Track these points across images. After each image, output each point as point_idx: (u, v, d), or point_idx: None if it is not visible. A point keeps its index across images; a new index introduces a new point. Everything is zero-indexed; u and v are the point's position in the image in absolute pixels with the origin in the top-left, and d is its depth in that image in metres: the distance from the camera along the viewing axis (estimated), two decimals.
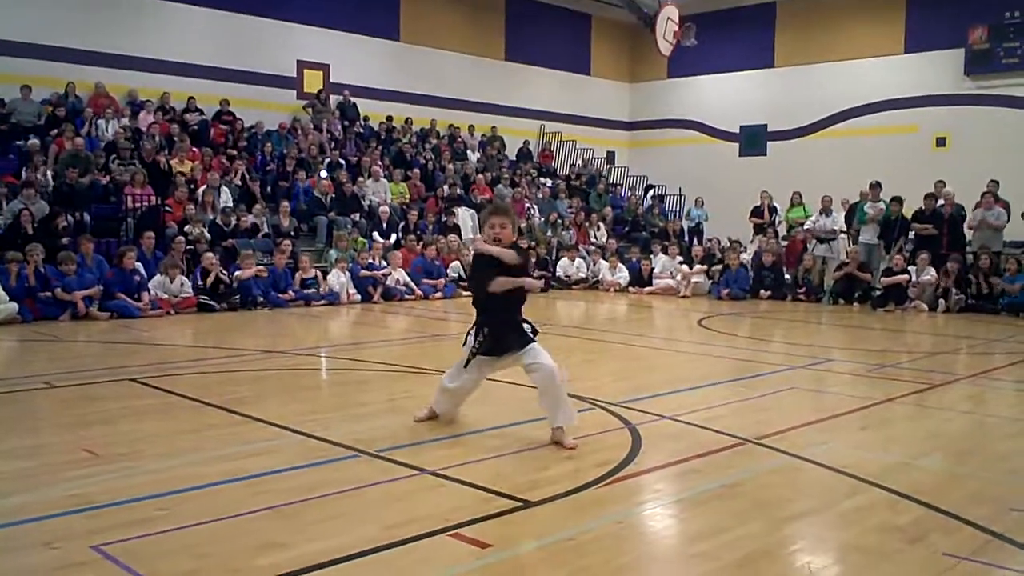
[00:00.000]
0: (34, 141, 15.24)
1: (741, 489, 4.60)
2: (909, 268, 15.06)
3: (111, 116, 17.07)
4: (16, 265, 11.60)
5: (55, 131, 15.78)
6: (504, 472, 4.75)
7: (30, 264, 11.75)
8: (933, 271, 14.76)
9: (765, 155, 25.48)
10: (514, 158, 23.91)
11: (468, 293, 15.32)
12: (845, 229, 16.94)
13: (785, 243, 18.31)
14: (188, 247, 13.87)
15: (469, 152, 22.96)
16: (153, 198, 14.93)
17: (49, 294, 11.79)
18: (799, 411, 6.61)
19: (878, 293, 15.10)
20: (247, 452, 5.18)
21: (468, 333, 5.60)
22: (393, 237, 17.09)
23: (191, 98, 18.60)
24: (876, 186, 16.56)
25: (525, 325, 5.51)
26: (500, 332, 5.45)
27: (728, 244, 18.03)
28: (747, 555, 3.70)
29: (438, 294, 15.63)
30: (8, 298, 11.27)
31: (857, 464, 5.00)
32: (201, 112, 18.57)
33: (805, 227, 17.39)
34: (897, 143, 22.37)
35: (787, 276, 16.75)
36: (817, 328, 13.01)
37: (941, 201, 16.05)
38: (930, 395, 7.38)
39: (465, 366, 5.62)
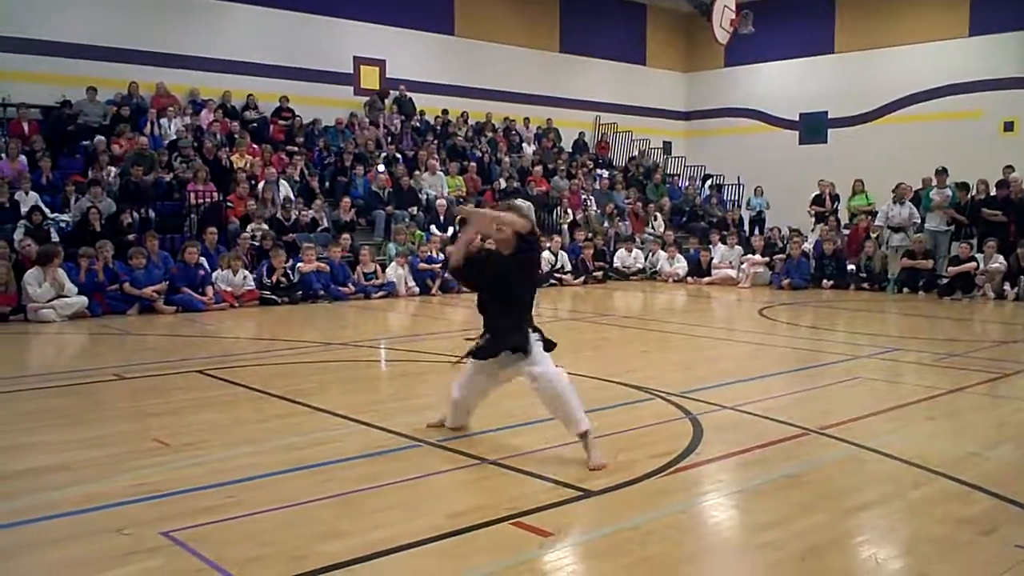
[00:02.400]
0: (100, 139, 15.60)
1: (805, 479, 4.53)
2: (976, 255, 14.69)
3: (173, 115, 17.43)
4: (86, 261, 11.90)
5: (120, 130, 16.14)
6: (565, 461, 4.74)
7: (100, 260, 12.05)
8: (1002, 258, 14.37)
9: (826, 142, 25.05)
10: (570, 150, 23.83)
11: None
12: (919, 218, 16.44)
13: (847, 231, 17.97)
14: (252, 242, 14.10)
15: (525, 144, 22.95)
16: (215, 194, 15.19)
17: (117, 289, 12.09)
18: (864, 401, 6.50)
19: (945, 281, 14.75)
20: (310, 441, 5.26)
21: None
22: (450, 230, 17.14)
23: (250, 96, 18.91)
24: (942, 172, 16.16)
25: (533, 334, 4.95)
26: (498, 335, 5.01)
27: (789, 233, 17.77)
28: (813, 546, 3.65)
29: None
30: (78, 292, 11.56)
31: (925, 454, 4.90)
32: (258, 110, 18.86)
33: (877, 220, 16.88)
34: (962, 128, 21.82)
35: (849, 265, 16.44)
36: (881, 317, 12.76)
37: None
38: (1000, 384, 7.19)
39: (456, 363, 5.37)
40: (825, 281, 16.02)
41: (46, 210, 13.30)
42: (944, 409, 6.24)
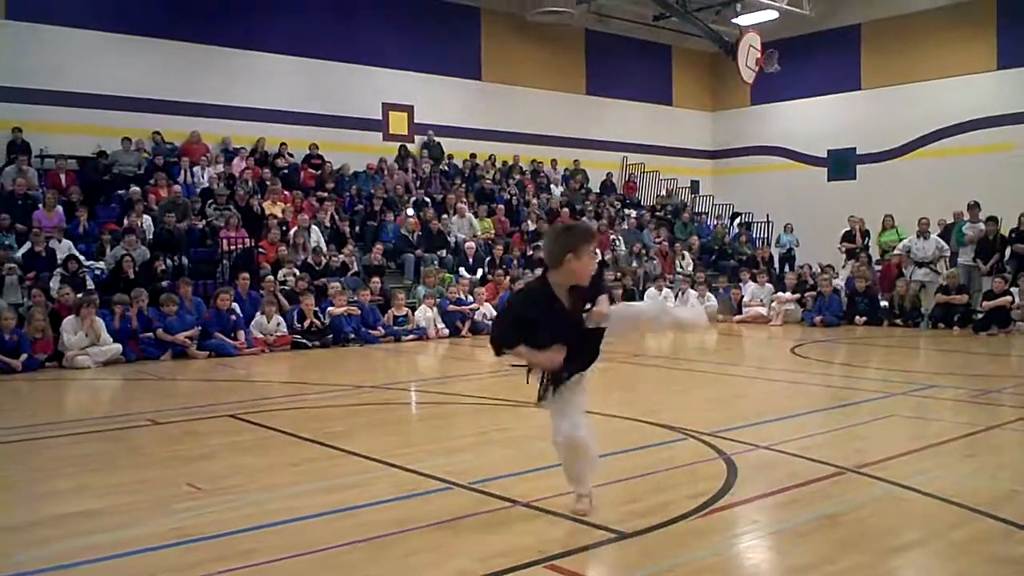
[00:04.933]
0: (135, 189, 15.88)
1: (843, 520, 4.46)
2: (1011, 289, 14.50)
3: (206, 163, 17.74)
4: (120, 308, 12.06)
5: (153, 179, 16.43)
6: (597, 503, 4.69)
7: (134, 307, 12.21)
8: None
9: (855, 179, 24.94)
10: (598, 190, 23.91)
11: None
12: (948, 252, 16.26)
13: (879, 267, 17.82)
14: (282, 287, 14.22)
15: (553, 186, 23.07)
16: (247, 240, 15.38)
17: (151, 335, 12.22)
18: (900, 439, 6.40)
19: (980, 316, 14.56)
20: (342, 485, 5.26)
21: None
22: (479, 272, 17.22)
23: (283, 144, 19.21)
24: (975, 206, 16.04)
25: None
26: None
27: (820, 270, 17.65)
28: None
29: None
30: (112, 340, 11.70)
31: (965, 493, 4.81)
32: (290, 156, 19.16)
33: (896, 251, 16.81)
34: (992, 162, 21.63)
35: (882, 301, 16.29)
36: (916, 353, 12.60)
37: None
38: None
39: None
40: (858, 318, 15.87)
41: (81, 258, 13.52)
42: (982, 446, 6.14)
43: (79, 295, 12.01)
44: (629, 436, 6.51)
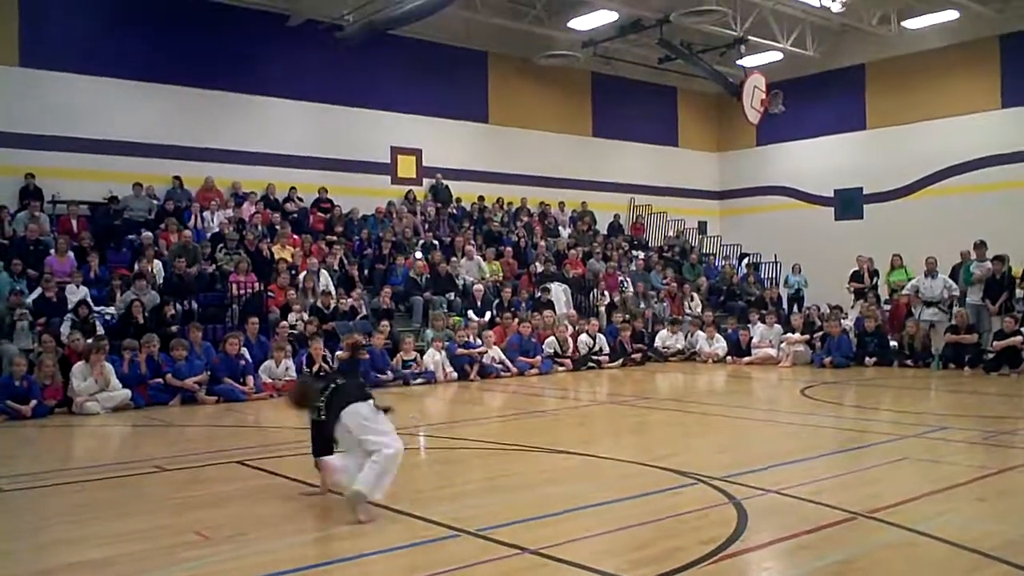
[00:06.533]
0: (147, 235, 15.99)
1: (855, 566, 4.42)
2: (1022, 329, 14.42)
3: (216, 208, 17.87)
4: (129, 353, 12.09)
5: (164, 224, 16.55)
6: (606, 550, 4.67)
7: (143, 352, 12.23)
8: None
9: (862, 218, 24.99)
10: (605, 232, 23.99)
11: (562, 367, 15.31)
12: (957, 291, 16.18)
13: (888, 307, 17.77)
14: (291, 331, 14.24)
15: (560, 228, 23.16)
16: (256, 284, 15.44)
17: (160, 380, 12.23)
18: (912, 482, 6.35)
19: (990, 356, 14.48)
20: (350, 533, 5.23)
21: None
22: (488, 315, 17.24)
23: (292, 188, 19.37)
24: (981, 245, 16.01)
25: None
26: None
27: (828, 310, 17.60)
28: None
29: (534, 371, 15.62)
30: (121, 385, 11.71)
31: (977, 538, 4.76)
32: (298, 201, 19.31)
33: (904, 290, 16.75)
34: (999, 200, 21.65)
35: (892, 341, 16.22)
36: (927, 395, 12.53)
37: None
38: None
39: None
40: (868, 359, 15.80)
41: (91, 304, 13.57)
42: (995, 489, 6.08)
43: (89, 341, 12.05)
44: (638, 481, 6.48)
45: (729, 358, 17.27)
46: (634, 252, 22.91)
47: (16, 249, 14.69)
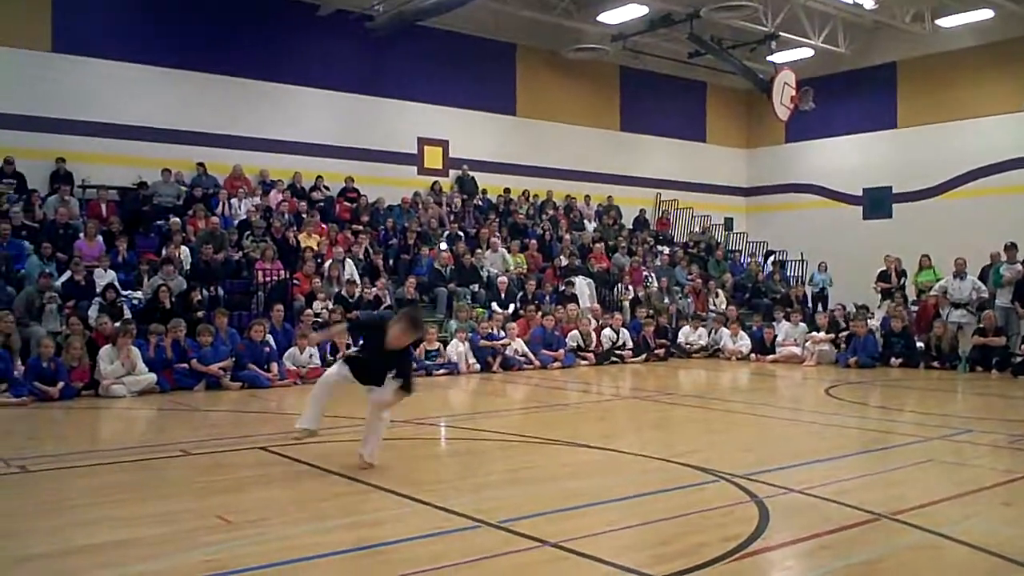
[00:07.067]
0: (175, 220, 16.11)
1: (877, 567, 4.39)
2: None
3: (244, 195, 17.97)
4: (155, 338, 12.20)
5: (192, 211, 16.67)
6: (627, 545, 4.66)
7: (168, 337, 12.34)
8: None
9: (891, 217, 24.76)
10: (631, 226, 23.92)
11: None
12: (986, 293, 15.97)
13: (915, 308, 17.60)
14: (316, 319, 14.31)
15: (586, 221, 23.12)
16: (282, 272, 15.52)
17: (185, 365, 12.34)
18: (937, 485, 6.29)
19: (1019, 360, 14.30)
20: (371, 521, 5.26)
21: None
22: (512, 307, 17.24)
23: (319, 177, 19.46)
24: (1011, 247, 15.81)
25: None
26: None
27: (855, 310, 17.46)
28: None
29: (556, 364, 15.62)
30: (147, 369, 11.83)
31: (1002, 542, 4.71)
32: (328, 189, 19.39)
33: (932, 291, 16.56)
34: None
35: (918, 342, 16.07)
36: (953, 397, 12.40)
37: None
38: None
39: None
40: (894, 359, 15.66)
41: (119, 288, 13.70)
42: (1021, 493, 6.01)
43: (116, 324, 12.17)
44: (661, 477, 6.46)
45: (753, 356, 17.19)
46: (659, 247, 22.82)
47: (46, 232, 14.85)
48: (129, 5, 17.98)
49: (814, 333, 16.91)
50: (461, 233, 19.59)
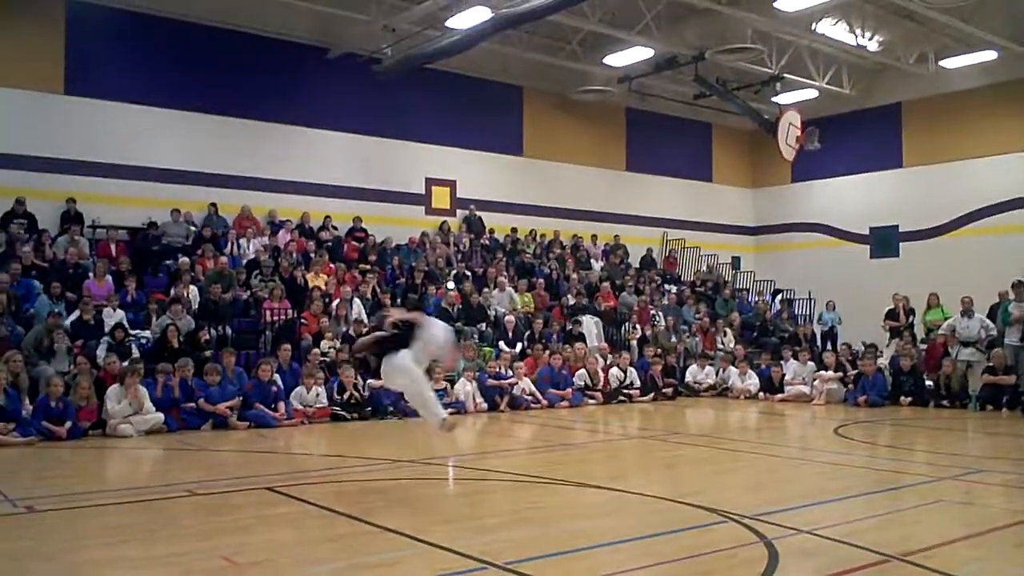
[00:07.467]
0: (184, 260, 16.21)
1: None
2: None
3: (252, 235, 18.08)
4: (162, 377, 12.22)
5: (201, 250, 16.76)
6: None
7: (176, 376, 12.35)
8: None
9: (898, 256, 24.76)
10: (638, 266, 23.96)
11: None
12: (995, 332, 15.90)
13: (924, 347, 17.53)
14: (323, 359, 14.31)
15: (593, 261, 23.15)
16: (290, 311, 15.56)
17: (192, 405, 12.34)
18: (948, 526, 6.24)
19: None
20: (377, 562, 5.23)
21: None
22: (519, 346, 17.23)
23: (327, 217, 19.57)
24: (1019, 285, 15.76)
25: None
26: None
27: (863, 348, 17.40)
28: None
29: (564, 403, 15.57)
30: (155, 408, 11.83)
31: None
32: (336, 229, 19.49)
33: (941, 330, 16.52)
34: None
35: (928, 381, 15.99)
36: (964, 436, 12.33)
37: None
38: None
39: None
40: (903, 398, 15.58)
41: (127, 327, 13.74)
42: None
43: (124, 364, 12.19)
44: (668, 518, 6.42)
45: (761, 394, 17.12)
46: (666, 286, 22.83)
47: (56, 272, 14.94)
48: (140, 49, 18.20)
49: (822, 372, 16.85)
50: (468, 272, 19.64)
